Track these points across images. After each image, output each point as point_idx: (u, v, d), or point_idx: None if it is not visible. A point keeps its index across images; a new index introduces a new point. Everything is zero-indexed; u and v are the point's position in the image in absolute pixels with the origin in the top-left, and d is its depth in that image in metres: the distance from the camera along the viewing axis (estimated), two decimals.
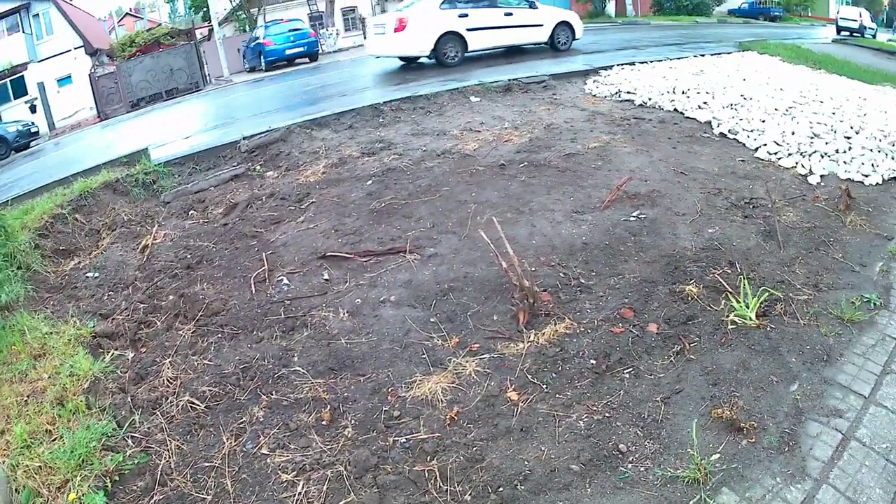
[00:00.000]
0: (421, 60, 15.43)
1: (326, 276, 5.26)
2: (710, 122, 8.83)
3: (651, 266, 5.03)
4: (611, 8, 42.30)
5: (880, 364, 3.91)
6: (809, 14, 63.13)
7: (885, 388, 3.71)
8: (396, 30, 14.15)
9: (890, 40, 35.75)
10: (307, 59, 26.14)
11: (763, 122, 8.68)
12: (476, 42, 14.62)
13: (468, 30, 14.35)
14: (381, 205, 6.42)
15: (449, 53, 14.28)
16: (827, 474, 3.12)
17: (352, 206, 6.52)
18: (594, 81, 11.79)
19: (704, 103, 9.64)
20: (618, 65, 13.21)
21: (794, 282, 4.77)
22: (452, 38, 14.25)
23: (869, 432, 3.37)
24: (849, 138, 8.14)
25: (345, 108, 10.07)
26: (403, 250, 5.45)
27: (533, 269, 5.03)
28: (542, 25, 15.69)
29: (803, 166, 7.29)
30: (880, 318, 4.39)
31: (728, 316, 4.27)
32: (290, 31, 26.04)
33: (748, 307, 4.25)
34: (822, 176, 7.06)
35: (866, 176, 7.11)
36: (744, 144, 8.05)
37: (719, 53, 16.29)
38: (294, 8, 38.16)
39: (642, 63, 13.56)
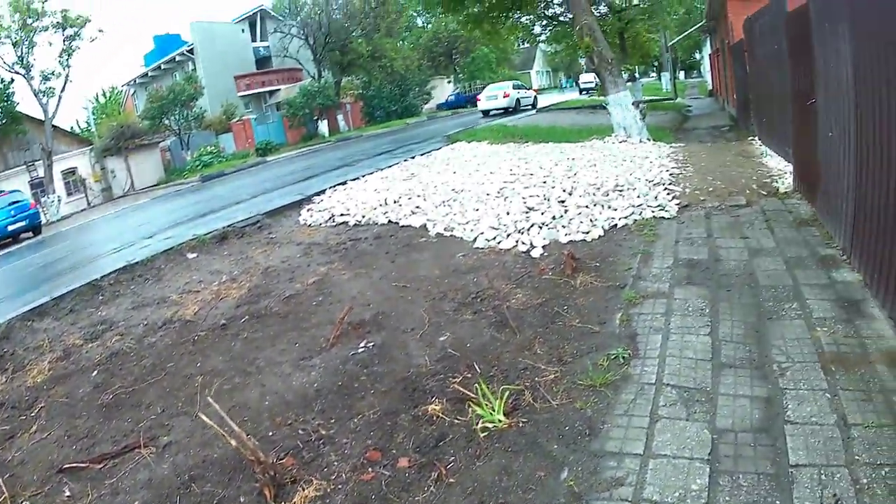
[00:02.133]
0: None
1: (68, 493, 4.89)
2: (425, 226, 9.45)
3: (389, 395, 5.13)
4: (324, 127, 45.24)
5: (646, 415, 4.22)
6: None
7: (659, 436, 3.99)
8: (504, 95, 37.43)
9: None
10: (31, 233, 25.74)
11: (477, 210, 9.45)
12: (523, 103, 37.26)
13: (524, 97, 39.84)
14: (110, 397, 6.22)
15: (519, 107, 37.07)
16: None
17: (82, 405, 6.27)
18: (308, 210, 12.33)
19: (417, 207, 10.30)
20: (330, 187, 14.10)
21: (538, 364, 5.08)
22: (518, 101, 37.88)
23: (657, 488, 3.56)
24: (563, 202, 9.04)
25: (65, 290, 9.85)
26: (138, 445, 5.24)
27: (270, 433, 4.94)
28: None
29: (523, 243, 7.98)
30: (633, 369, 4.79)
31: (477, 424, 4.40)
32: (9, 204, 25.15)
33: (494, 409, 4.42)
34: (544, 246, 7.77)
35: (587, 232, 7.91)
36: (462, 239, 8.69)
37: (429, 152, 17.66)
38: (11, 178, 37.28)
39: (354, 180, 14.45)
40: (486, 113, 37.08)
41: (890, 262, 4.81)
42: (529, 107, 34.73)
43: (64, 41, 37.61)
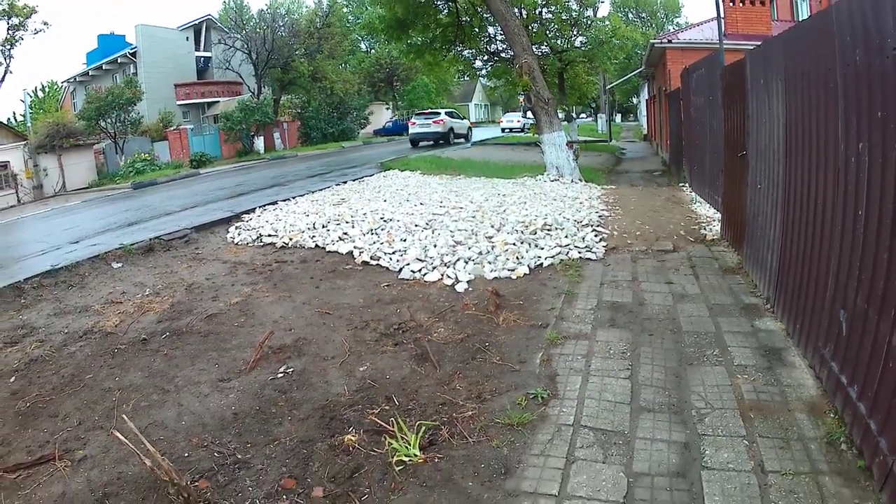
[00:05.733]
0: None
1: None
2: (351, 253, 9.44)
3: (306, 423, 5.07)
4: (260, 144, 45.19)
5: (562, 456, 4.24)
6: None
7: (574, 478, 4.01)
8: (436, 122, 37.24)
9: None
10: None
11: (404, 241, 9.52)
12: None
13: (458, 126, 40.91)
14: (27, 405, 5.96)
15: (451, 137, 37.86)
16: None
17: None
18: (236, 228, 12.16)
19: (345, 234, 10.28)
20: (260, 206, 13.94)
21: (457, 399, 5.09)
22: (451, 129, 38.45)
23: None
24: (490, 238, 9.12)
25: None
26: (53, 457, 5.04)
27: (186, 454, 4.82)
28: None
29: (449, 276, 8.04)
30: (551, 410, 4.82)
31: (393, 458, 4.37)
32: None
33: (410, 444, 4.40)
34: (468, 281, 7.84)
35: (512, 270, 7.98)
36: (387, 268, 8.71)
37: (362, 177, 17.65)
38: None
39: (284, 201, 14.37)
40: (414, 143, 36.53)
41: (812, 313, 4.97)
42: (462, 139, 33.73)
43: (7, 30, 36.60)
